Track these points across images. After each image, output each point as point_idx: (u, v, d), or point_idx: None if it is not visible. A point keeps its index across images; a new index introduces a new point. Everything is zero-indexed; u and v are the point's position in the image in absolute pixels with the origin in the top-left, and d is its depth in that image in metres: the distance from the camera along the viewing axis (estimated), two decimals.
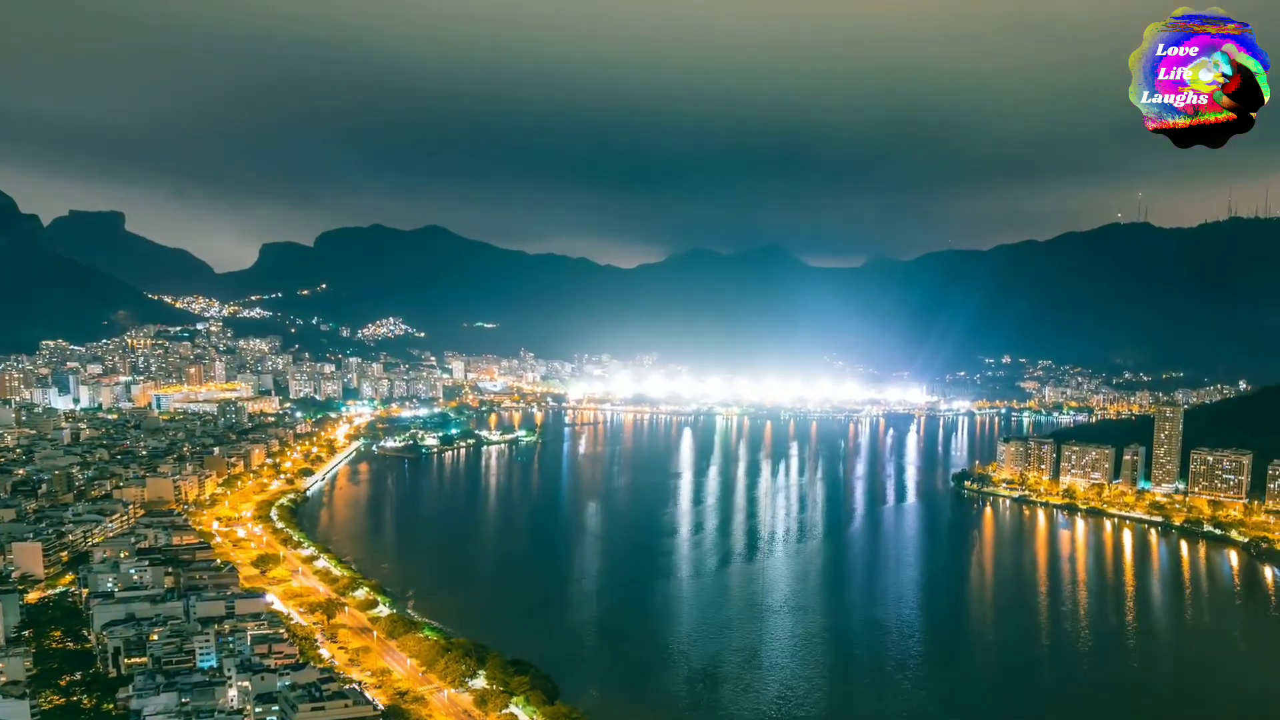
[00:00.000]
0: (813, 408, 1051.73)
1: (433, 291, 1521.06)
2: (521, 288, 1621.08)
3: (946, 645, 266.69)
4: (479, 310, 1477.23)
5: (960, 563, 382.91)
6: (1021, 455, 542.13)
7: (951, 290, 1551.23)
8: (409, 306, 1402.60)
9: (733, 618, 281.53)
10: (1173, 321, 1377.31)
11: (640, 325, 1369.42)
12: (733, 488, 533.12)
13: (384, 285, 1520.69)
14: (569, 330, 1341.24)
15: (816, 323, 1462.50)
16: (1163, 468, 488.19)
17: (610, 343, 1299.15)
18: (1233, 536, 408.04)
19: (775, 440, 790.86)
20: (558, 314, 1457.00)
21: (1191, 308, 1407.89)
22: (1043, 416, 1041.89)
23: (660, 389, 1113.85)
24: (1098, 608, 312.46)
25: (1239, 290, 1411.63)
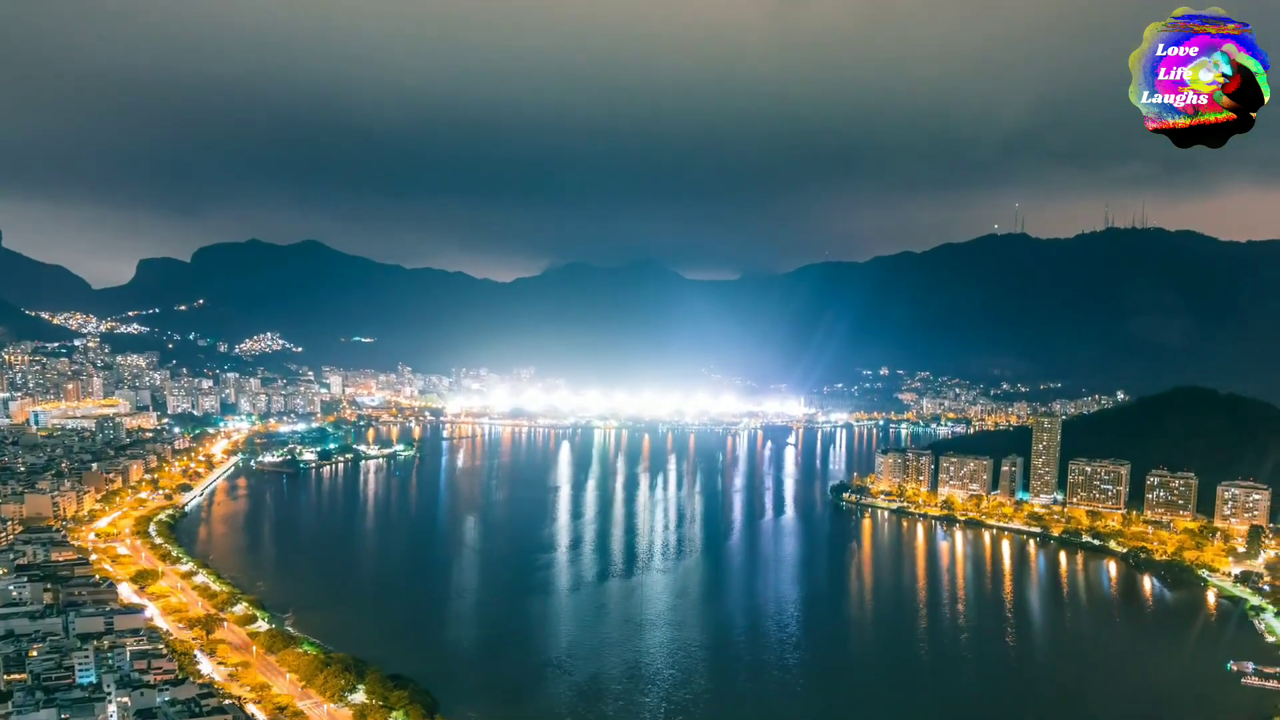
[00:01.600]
0: (691, 420, 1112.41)
1: (310, 306, 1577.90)
2: (399, 302, 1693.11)
3: (827, 658, 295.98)
4: (357, 325, 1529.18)
5: (839, 575, 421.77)
6: (900, 467, 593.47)
7: (829, 302, 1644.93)
8: (287, 322, 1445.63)
9: (613, 633, 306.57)
10: (1050, 332, 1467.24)
11: (518, 339, 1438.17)
12: (611, 502, 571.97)
13: (261, 300, 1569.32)
14: (447, 344, 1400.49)
15: (694, 335, 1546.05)
16: (1041, 478, 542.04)
17: (488, 357, 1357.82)
18: (1111, 547, 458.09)
19: (653, 453, 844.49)
20: (435, 328, 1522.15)
21: (1069, 318, 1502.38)
22: (921, 428, 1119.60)
23: (538, 402, 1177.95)
24: (978, 619, 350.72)
25: (1116, 301, 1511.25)
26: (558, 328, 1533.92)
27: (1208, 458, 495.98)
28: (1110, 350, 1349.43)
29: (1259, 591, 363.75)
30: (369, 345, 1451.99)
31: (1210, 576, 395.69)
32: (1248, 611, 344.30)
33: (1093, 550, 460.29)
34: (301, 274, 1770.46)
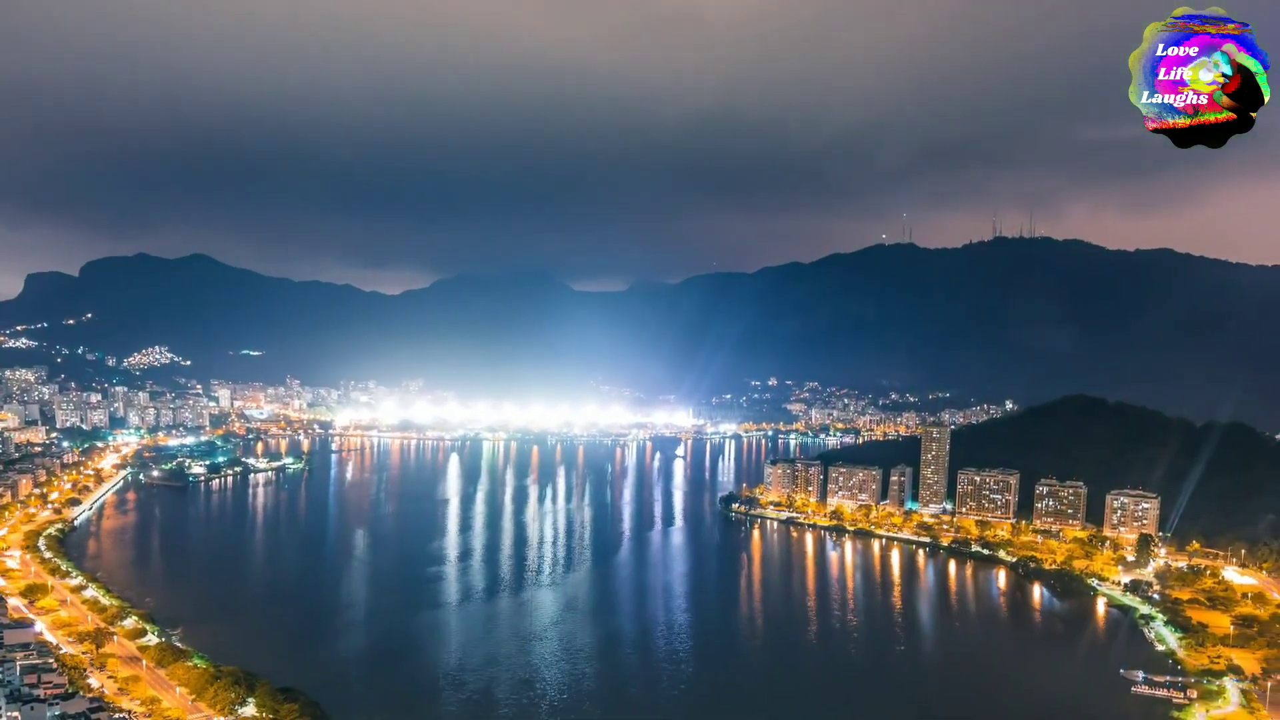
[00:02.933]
0: (580, 432, 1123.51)
1: (199, 320, 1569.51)
2: (287, 315, 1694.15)
3: (719, 668, 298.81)
4: (245, 338, 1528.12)
5: (729, 586, 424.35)
6: (789, 477, 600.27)
7: (717, 313, 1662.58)
8: (175, 335, 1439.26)
9: (504, 645, 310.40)
10: (939, 342, 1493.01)
11: (407, 351, 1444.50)
12: (500, 514, 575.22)
13: (150, 314, 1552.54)
14: (335, 357, 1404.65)
15: (583, 347, 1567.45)
16: (930, 488, 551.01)
17: (377, 369, 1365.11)
18: (1001, 556, 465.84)
19: (542, 465, 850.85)
20: (324, 341, 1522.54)
21: (957, 328, 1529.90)
22: (810, 438, 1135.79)
23: (427, 415, 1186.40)
24: (868, 628, 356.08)
25: (1005, 310, 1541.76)
26: (446, 340, 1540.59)
27: (1097, 466, 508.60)
28: (999, 359, 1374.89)
29: (1148, 600, 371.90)
30: (257, 358, 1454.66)
31: (1100, 585, 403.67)
32: (1137, 620, 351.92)
33: (982, 560, 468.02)
34: (190, 287, 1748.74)
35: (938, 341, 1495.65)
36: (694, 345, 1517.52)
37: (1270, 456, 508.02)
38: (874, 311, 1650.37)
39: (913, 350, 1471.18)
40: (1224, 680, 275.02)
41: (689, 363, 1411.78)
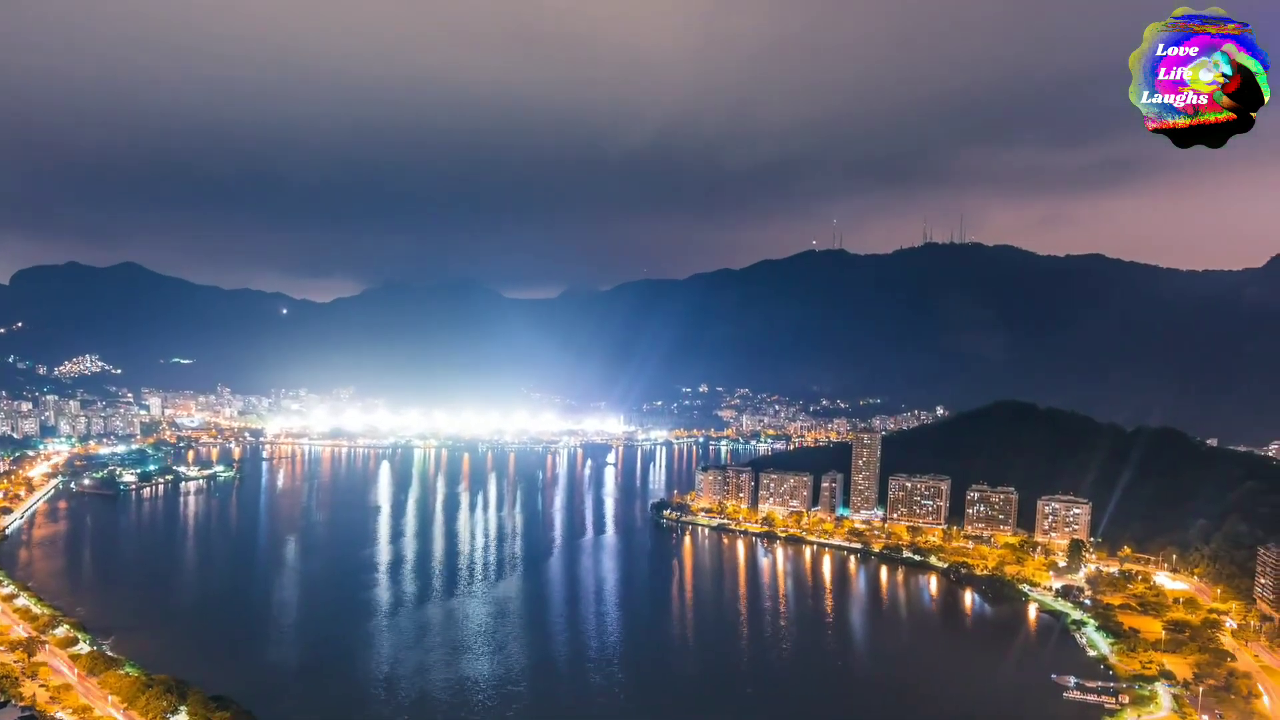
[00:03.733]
0: (510, 439, 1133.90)
1: (130, 328, 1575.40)
2: (218, 323, 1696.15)
3: (651, 674, 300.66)
4: (176, 346, 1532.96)
5: (661, 592, 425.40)
6: (720, 484, 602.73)
7: (648, 320, 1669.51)
8: (106, 344, 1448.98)
9: (435, 653, 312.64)
10: (870, 348, 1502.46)
11: (337, 359, 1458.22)
12: (431, 521, 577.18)
13: (81, 322, 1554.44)
14: (266, 365, 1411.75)
15: (514, 354, 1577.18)
16: (861, 494, 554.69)
17: (307, 377, 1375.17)
18: (932, 562, 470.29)
19: (473, 473, 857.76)
20: (255, 349, 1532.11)
21: (888, 334, 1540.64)
22: (741, 445, 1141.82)
23: (357, 422, 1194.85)
24: (800, 634, 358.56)
25: (935, 316, 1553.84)
26: (377, 348, 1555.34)
27: (1028, 471, 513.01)
28: (930, 365, 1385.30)
29: (1080, 606, 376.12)
30: (188, 367, 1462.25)
31: (1031, 591, 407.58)
32: (1069, 626, 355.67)
33: (914, 566, 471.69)
34: (120, 296, 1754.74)
35: (868, 347, 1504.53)
36: (625, 352, 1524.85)
37: (1201, 461, 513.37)
38: (805, 318, 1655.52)
39: (843, 356, 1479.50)
40: (1156, 685, 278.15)
41: (620, 370, 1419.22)
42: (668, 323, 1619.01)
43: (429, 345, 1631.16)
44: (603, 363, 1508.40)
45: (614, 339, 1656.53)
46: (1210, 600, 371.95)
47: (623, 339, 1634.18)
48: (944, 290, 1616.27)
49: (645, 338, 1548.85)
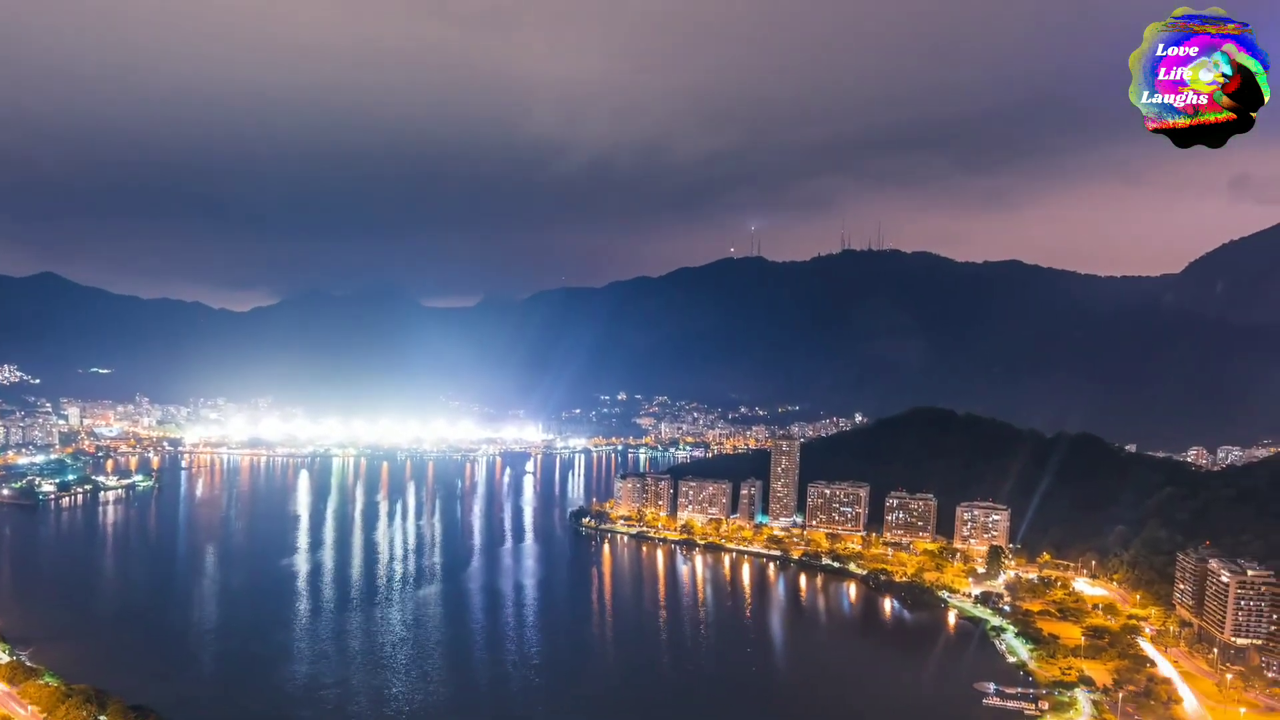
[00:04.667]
0: (429, 448, 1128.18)
1: (48, 338, 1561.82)
2: (136, 333, 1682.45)
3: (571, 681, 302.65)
4: (95, 356, 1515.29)
5: (581, 600, 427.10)
6: (639, 491, 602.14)
7: (566, 328, 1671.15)
8: (24, 353, 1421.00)
9: (356, 662, 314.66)
10: (788, 355, 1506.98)
11: (256, 368, 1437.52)
12: (351, 530, 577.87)
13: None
14: (185, 374, 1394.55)
15: (432, 362, 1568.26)
16: (780, 502, 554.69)
17: (226, 386, 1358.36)
18: (852, 569, 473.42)
19: (392, 481, 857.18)
20: (173, 358, 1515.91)
21: (807, 341, 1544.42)
22: (660, 452, 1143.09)
23: (276, 431, 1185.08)
24: (719, 641, 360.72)
25: (854, 323, 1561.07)
26: (296, 356, 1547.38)
27: (947, 478, 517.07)
28: (849, 372, 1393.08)
29: (999, 612, 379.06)
30: (107, 376, 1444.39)
31: (951, 598, 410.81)
32: (988, 632, 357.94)
33: (833, 573, 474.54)
34: (38, 305, 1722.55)
35: (787, 354, 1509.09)
36: (543, 360, 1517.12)
37: (1120, 467, 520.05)
38: (723, 325, 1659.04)
39: (762, 363, 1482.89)
40: (1075, 691, 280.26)
41: (538, 378, 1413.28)
42: (586, 331, 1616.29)
43: (348, 353, 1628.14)
44: (521, 371, 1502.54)
45: (532, 347, 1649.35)
46: (1130, 606, 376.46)
47: (541, 347, 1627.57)
48: (862, 297, 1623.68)
49: (563, 346, 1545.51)
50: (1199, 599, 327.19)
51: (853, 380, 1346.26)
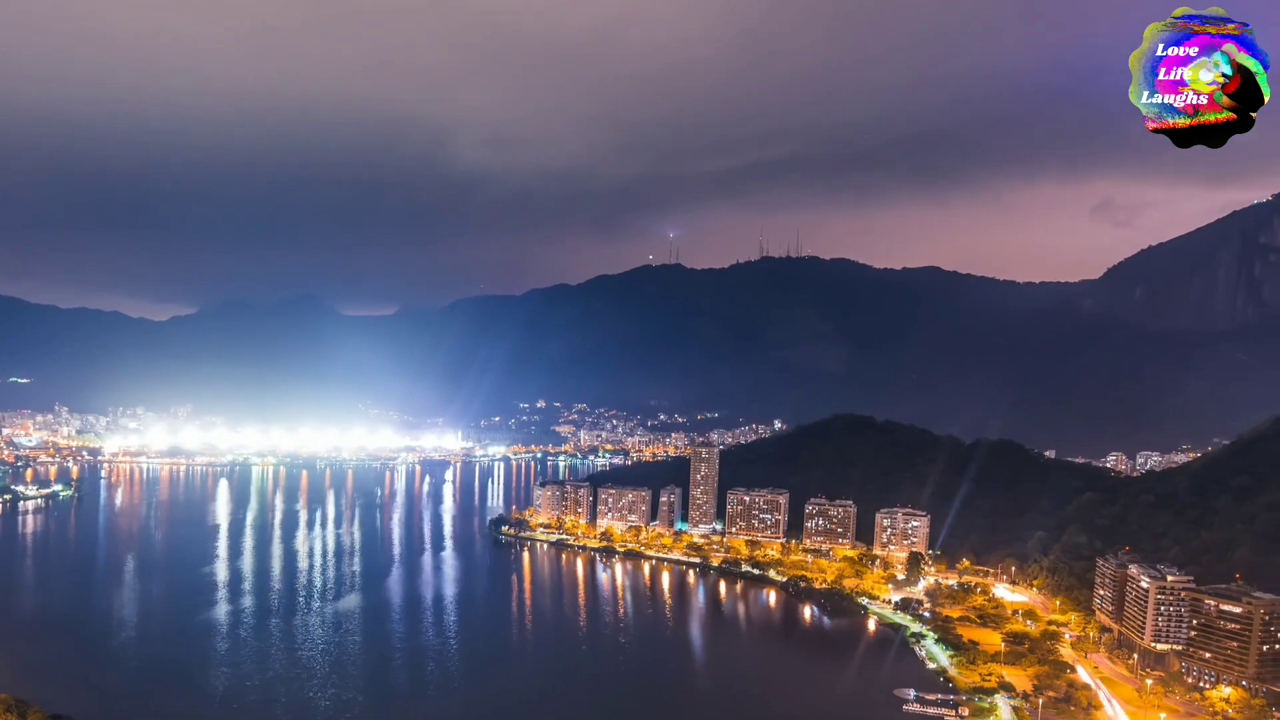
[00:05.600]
0: (348, 456, 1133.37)
1: None
2: (55, 342, 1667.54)
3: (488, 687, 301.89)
4: (13, 366, 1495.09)
5: (500, 607, 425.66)
6: (558, 499, 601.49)
7: (485, 336, 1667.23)
8: None
9: (276, 670, 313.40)
10: (707, 362, 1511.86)
11: (175, 377, 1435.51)
12: (270, 539, 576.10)
13: None
14: (104, 384, 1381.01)
15: (352, 371, 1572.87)
16: (700, 509, 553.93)
17: (145, 395, 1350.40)
18: (771, 576, 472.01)
19: (311, 490, 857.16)
20: (92, 368, 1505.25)
21: (726, 348, 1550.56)
22: (579, 460, 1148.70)
23: (196, 440, 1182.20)
24: (639, 648, 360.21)
25: (773, 329, 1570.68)
26: (215, 365, 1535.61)
27: (867, 484, 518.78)
28: (767, 379, 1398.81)
29: (919, 618, 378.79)
30: (25, 386, 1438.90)
31: (871, 604, 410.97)
32: (908, 638, 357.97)
33: (753, 579, 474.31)
34: None
35: (706, 362, 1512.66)
36: (463, 368, 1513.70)
37: (1039, 473, 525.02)
38: (642, 332, 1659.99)
39: (681, 371, 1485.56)
40: (995, 697, 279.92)
41: (458, 386, 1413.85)
42: (505, 338, 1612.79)
43: (267, 362, 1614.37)
44: (441, 379, 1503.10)
45: (451, 355, 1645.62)
46: (1049, 612, 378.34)
47: (460, 355, 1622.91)
48: (781, 304, 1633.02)
49: (482, 354, 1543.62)
50: (1119, 604, 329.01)
51: (772, 387, 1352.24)
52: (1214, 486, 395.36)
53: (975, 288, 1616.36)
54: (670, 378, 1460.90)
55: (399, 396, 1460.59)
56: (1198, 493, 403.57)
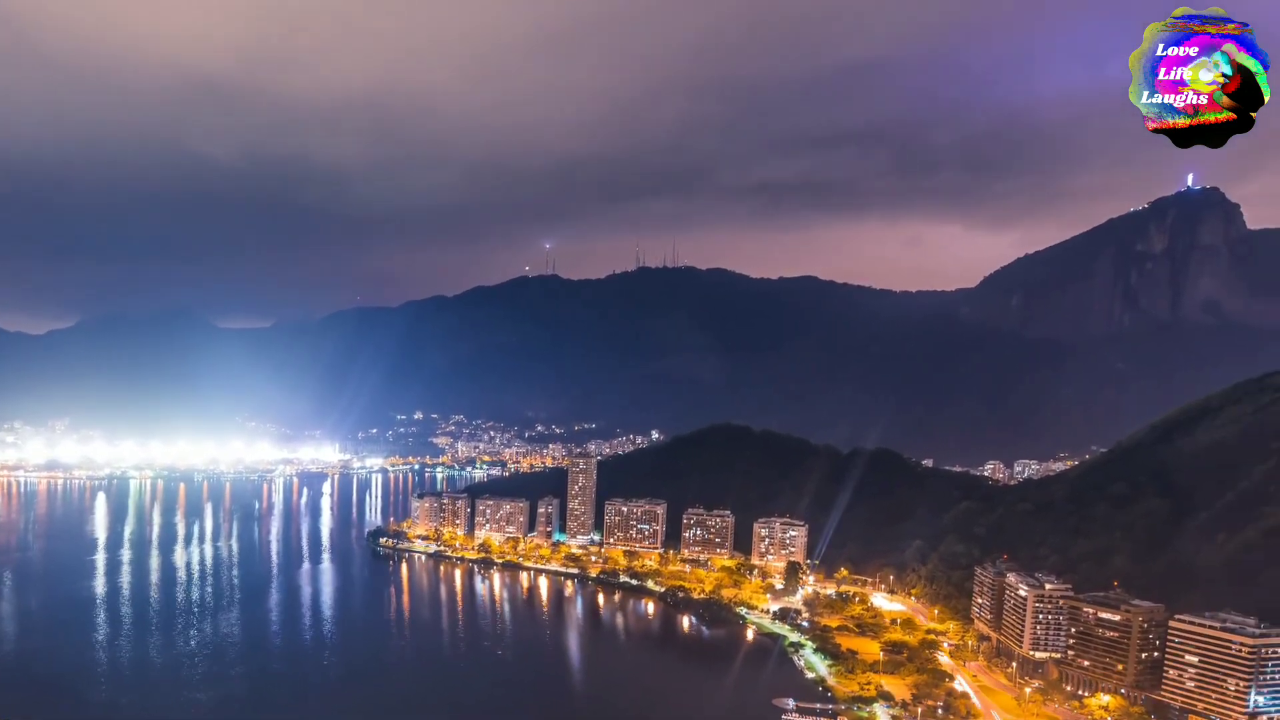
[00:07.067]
0: (226, 469, 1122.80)
1: None
2: None
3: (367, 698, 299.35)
4: None
5: (378, 621, 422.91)
6: (436, 511, 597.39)
7: (362, 347, 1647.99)
8: None
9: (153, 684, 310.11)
10: (584, 372, 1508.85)
11: (53, 390, 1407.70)
12: (148, 553, 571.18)
13: None
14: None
15: (229, 383, 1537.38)
16: (578, 520, 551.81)
17: (22, 409, 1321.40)
18: (650, 586, 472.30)
19: (189, 503, 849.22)
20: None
21: (603, 358, 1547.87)
22: (457, 472, 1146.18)
23: (74, 454, 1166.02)
24: (516, 660, 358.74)
25: (650, 340, 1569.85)
26: (93, 378, 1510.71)
27: (745, 494, 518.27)
28: (645, 389, 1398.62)
29: (798, 628, 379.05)
30: None
31: (749, 614, 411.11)
32: (787, 648, 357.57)
33: (631, 590, 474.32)
34: None
35: (583, 372, 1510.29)
36: (340, 380, 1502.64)
37: (917, 482, 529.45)
38: (519, 344, 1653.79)
39: (559, 381, 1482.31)
40: (874, 707, 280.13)
41: (335, 398, 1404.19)
42: (382, 350, 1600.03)
43: (145, 375, 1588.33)
44: (318, 391, 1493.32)
45: (329, 367, 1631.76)
46: (928, 621, 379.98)
47: (338, 367, 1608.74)
48: (658, 314, 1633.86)
49: (359, 366, 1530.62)
50: (997, 613, 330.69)
51: (649, 397, 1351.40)
52: (1091, 494, 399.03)
53: (852, 297, 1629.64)
54: (548, 389, 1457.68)
55: (277, 409, 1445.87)
56: (1075, 501, 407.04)
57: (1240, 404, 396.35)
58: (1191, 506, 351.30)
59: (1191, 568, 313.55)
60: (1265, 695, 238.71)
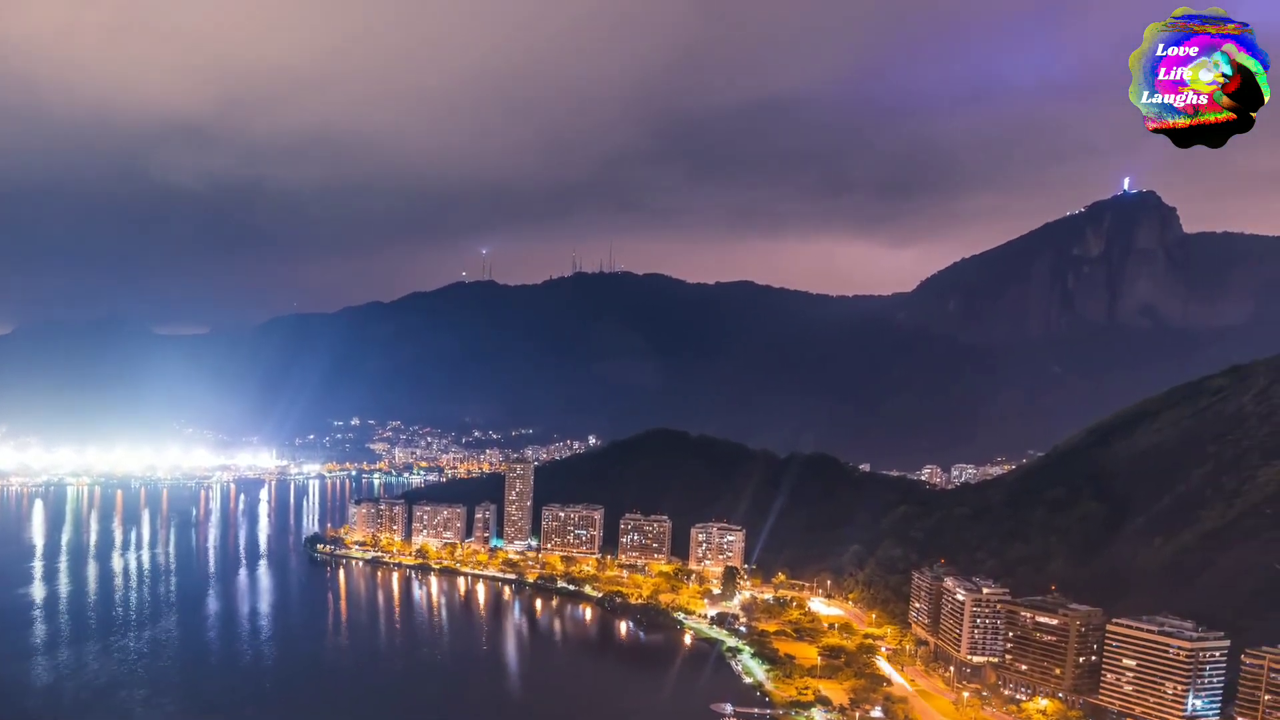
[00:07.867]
0: (163, 476, 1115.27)
1: None
2: None
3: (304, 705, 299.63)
4: None
5: (315, 626, 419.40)
6: (373, 516, 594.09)
7: (299, 354, 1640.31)
8: None
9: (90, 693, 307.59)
10: (521, 378, 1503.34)
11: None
12: (85, 560, 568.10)
13: None
14: None
15: (166, 390, 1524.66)
16: (515, 525, 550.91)
17: None
18: (587, 591, 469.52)
19: (126, 510, 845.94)
20: None
21: (540, 364, 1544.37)
22: (394, 477, 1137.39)
23: (10, 460, 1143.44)
24: (455, 665, 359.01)
25: (587, 345, 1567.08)
26: (30, 385, 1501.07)
27: (682, 500, 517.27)
28: (582, 394, 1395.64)
29: (735, 633, 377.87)
30: None
31: (687, 619, 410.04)
32: (724, 653, 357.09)
33: (568, 595, 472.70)
34: None
35: (520, 378, 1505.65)
36: (277, 386, 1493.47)
37: (854, 486, 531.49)
38: (456, 349, 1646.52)
39: (495, 387, 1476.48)
40: (812, 711, 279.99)
41: (272, 404, 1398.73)
42: (319, 356, 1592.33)
43: (82, 382, 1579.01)
44: (255, 397, 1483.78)
45: (265, 373, 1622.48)
46: (866, 625, 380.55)
47: (274, 373, 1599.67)
48: (595, 319, 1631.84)
49: (297, 372, 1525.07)
50: (935, 617, 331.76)
51: (586, 402, 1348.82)
52: (1028, 498, 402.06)
53: (789, 302, 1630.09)
54: (485, 394, 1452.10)
55: (214, 415, 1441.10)
56: (1012, 505, 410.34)
57: (1177, 408, 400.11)
58: (1129, 510, 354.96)
59: (1129, 571, 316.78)
60: (1202, 699, 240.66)
